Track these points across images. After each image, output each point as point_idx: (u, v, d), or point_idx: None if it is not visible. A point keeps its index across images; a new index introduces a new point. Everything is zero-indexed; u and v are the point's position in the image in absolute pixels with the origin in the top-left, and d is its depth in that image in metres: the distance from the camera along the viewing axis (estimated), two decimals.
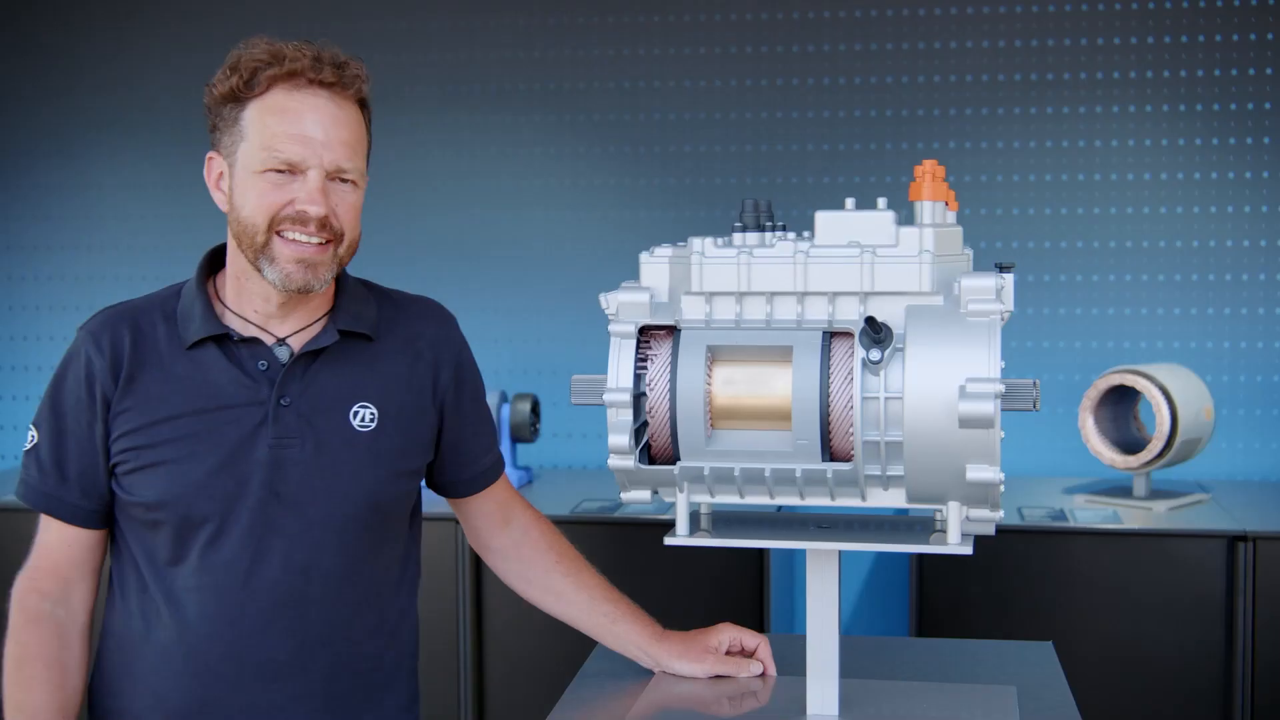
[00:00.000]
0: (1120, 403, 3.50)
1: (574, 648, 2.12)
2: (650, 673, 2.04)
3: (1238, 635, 3.13)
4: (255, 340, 1.85)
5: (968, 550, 1.72)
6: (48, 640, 1.85)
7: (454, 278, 4.09)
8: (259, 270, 1.81)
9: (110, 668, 1.91)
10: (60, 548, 1.90)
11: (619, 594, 2.07)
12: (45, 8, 4.29)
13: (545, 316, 4.10)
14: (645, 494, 1.78)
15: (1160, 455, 3.33)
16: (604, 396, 1.73)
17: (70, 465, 1.86)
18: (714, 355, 1.72)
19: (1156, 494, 3.46)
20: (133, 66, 4.25)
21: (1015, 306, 1.72)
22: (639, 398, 1.73)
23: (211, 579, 1.82)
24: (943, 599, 3.28)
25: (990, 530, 1.76)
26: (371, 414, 1.88)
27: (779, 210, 1.88)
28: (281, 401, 1.83)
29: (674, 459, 1.75)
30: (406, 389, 1.92)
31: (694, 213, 4.01)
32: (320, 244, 1.80)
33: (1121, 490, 3.51)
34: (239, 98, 1.79)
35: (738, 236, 1.77)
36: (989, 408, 1.61)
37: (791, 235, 1.78)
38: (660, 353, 1.74)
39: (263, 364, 1.84)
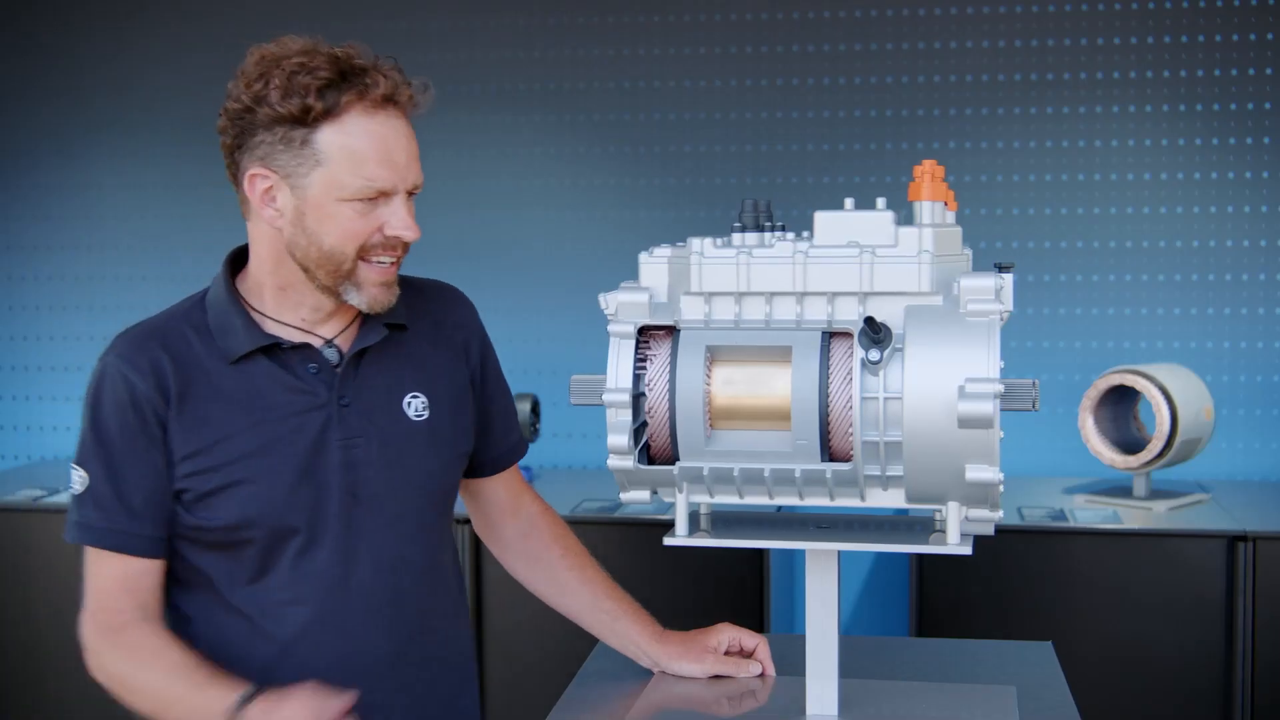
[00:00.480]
0: (1120, 403, 3.50)
1: (574, 648, 2.12)
2: (649, 673, 2.04)
3: (1238, 635, 3.13)
4: (304, 345, 1.82)
5: (967, 550, 1.72)
6: (145, 633, 1.77)
7: (454, 277, 4.06)
8: (337, 294, 1.77)
9: None
10: (128, 584, 1.77)
11: (622, 592, 2.07)
12: (45, 8, 4.29)
13: (545, 316, 4.10)
14: (645, 494, 1.78)
15: (1160, 455, 3.33)
16: (603, 397, 1.73)
17: (135, 496, 1.76)
18: (713, 355, 1.72)
19: (1156, 494, 3.46)
20: (133, 66, 4.25)
21: (1015, 306, 1.72)
22: (638, 398, 1.73)
23: (309, 588, 1.79)
24: (942, 599, 3.28)
25: (990, 530, 1.76)
26: (423, 402, 1.89)
27: (778, 210, 1.87)
28: (342, 402, 1.81)
29: (673, 459, 1.75)
30: (447, 374, 1.94)
31: (694, 213, 4.01)
32: (396, 261, 1.80)
33: (1121, 490, 3.51)
34: (306, 120, 1.71)
35: (737, 237, 1.77)
36: (988, 408, 1.61)
37: (791, 235, 1.78)
38: (659, 353, 1.74)
39: (313, 367, 1.81)
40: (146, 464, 1.76)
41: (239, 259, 1.90)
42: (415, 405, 1.88)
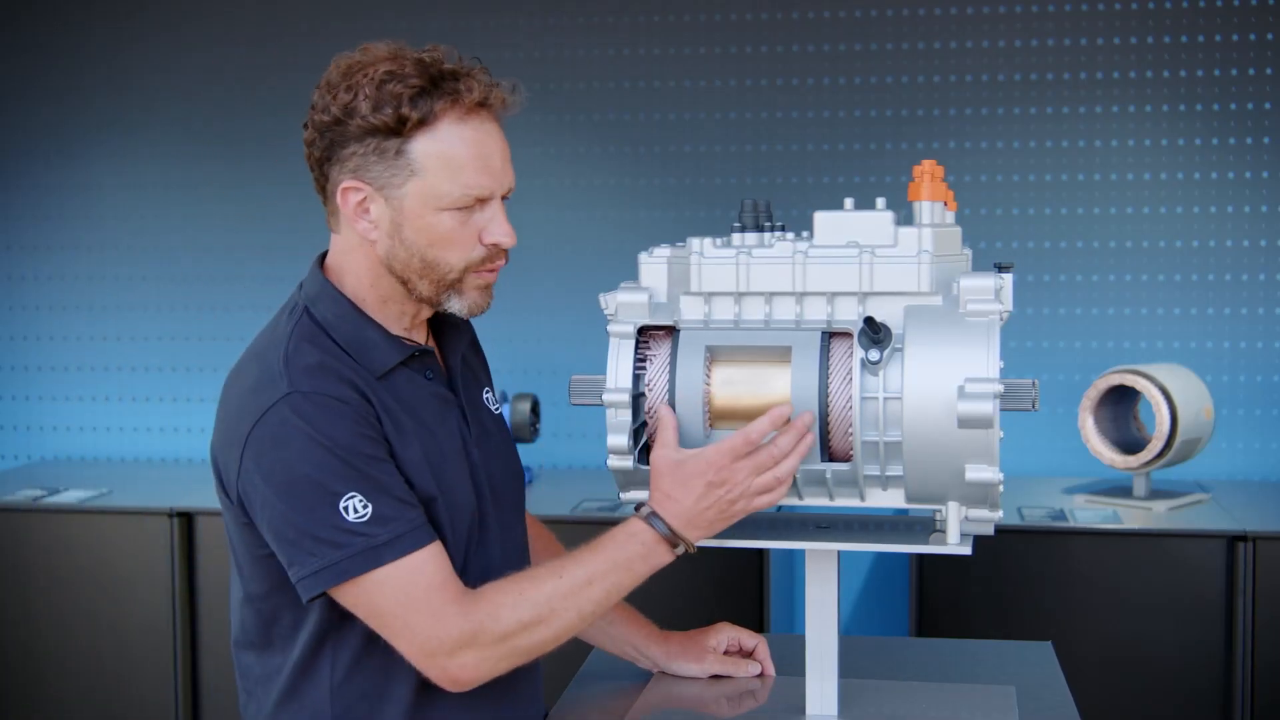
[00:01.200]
0: (1120, 403, 3.50)
1: (573, 648, 2.12)
2: (649, 673, 2.04)
3: (1237, 635, 3.13)
4: (425, 352, 1.80)
5: (967, 550, 1.72)
6: (492, 585, 1.68)
7: None
8: (438, 302, 1.75)
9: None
10: (445, 568, 1.66)
11: None
12: (45, 8, 4.29)
13: (545, 316, 4.10)
14: (644, 494, 1.78)
15: (1160, 455, 3.33)
16: (603, 397, 1.73)
17: (400, 489, 1.66)
18: (713, 355, 1.72)
19: (1156, 494, 3.46)
20: (133, 66, 4.25)
21: (1014, 306, 1.73)
22: (638, 398, 1.74)
23: (478, 583, 1.73)
24: (942, 599, 3.28)
25: (989, 530, 1.76)
26: (492, 397, 1.93)
27: (778, 210, 1.88)
28: (462, 403, 1.82)
29: None
30: (486, 374, 1.97)
31: (694, 213, 4.01)
32: (496, 268, 1.80)
33: (1121, 490, 3.51)
34: (401, 131, 1.66)
35: (736, 237, 1.77)
36: (988, 408, 1.61)
37: (790, 235, 1.78)
38: (659, 353, 1.74)
39: (430, 373, 1.80)
40: (389, 463, 1.67)
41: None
42: (490, 399, 1.92)
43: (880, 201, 1.76)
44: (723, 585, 3.34)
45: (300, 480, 1.61)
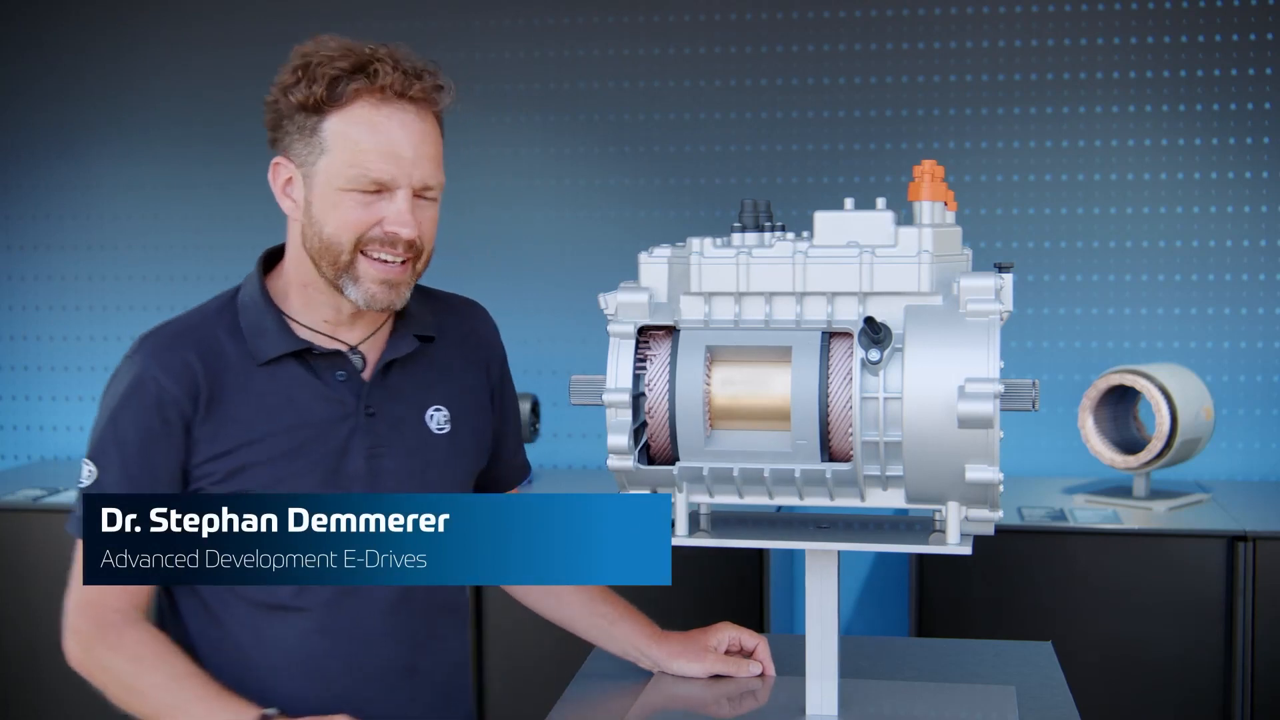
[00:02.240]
0: (1120, 403, 3.50)
1: (574, 648, 2.13)
2: (649, 673, 2.04)
3: (1237, 635, 3.13)
4: (335, 353, 1.81)
5: (967, 550, 1.72)
6: (146, 635, 1.76)
7: (454, 278, 4.06)
8: (338, 288, 1.77)
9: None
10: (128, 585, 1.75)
11: (615, 595, 2.07)
12: (45, 8, 4.29)
13: (545, 316, 4.10)
14: (647, 494, 1.78)
15: (1160, 455, 3.33)
16: (603, 397, 1.73)
17: (144, 483, 1.76)
18: (713, 355, 1.72)
19: (1156, 494, 3.46)
20: (133, 66, 4.25)
21: (1014, 306, 1.72)
22: (638, 398, 1.73)
23: (317, 596, 1.78)
24: (942, 599, 3.28)
25: (990, 530, 1.76)
26: (445, 416, 1.89)
27: (778, 210, 1.88)
28: (368, 411, 1.81)
29: (673, 459, 1.75)
30: (470, 389, 1.94)
31: (694, 213, 4.01)
32: (403, 263, 1.77)
33: (1121, 490, 3.51)
34: (318, 108, 1.73)
35: (736, 237, 1.77)
36: (988, 408, 1.61)
37: (790, 235, 1.78)
38: (659, 353, 1.74)
39: (341, 374, 1.81)
40: (162, 468, 1.75)
41: (271, 259, 1.88)
42: (438, 418, 1.88)
43: (880, 201, 1.75)
44: (723, 585, 3.34)
45: (92, 430, 1.81)
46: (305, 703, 1.76)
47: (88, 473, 1.77)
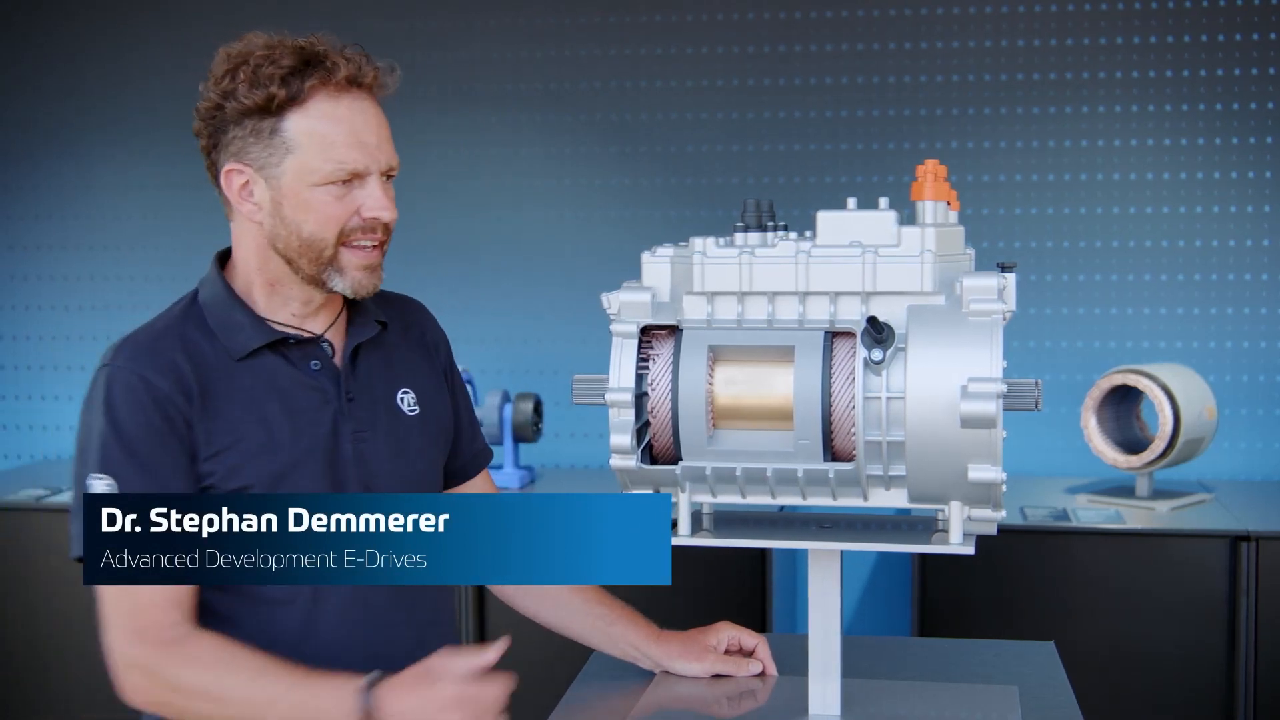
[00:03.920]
0: (1123, 402, 3.50)
1: (575, 649, 2.12)
2: (650, 673, 2.04)
3: (1240, 635, 3.13)
4: (308, 341, 1.82)
5: (970, 550, 1.72)
6: (209, 642, 1.69)
7: (455, 278, 4.09)
8: (320, 282, 1.77)
9: None
10: (176, 595, 1.70)
11: (612, 596, 2.06)
12: (45, 8, 4.28)
13: (547, 316, 4.10)
14: (647, 494, 1.78)
15: (1163, 455, 3.33)
16: (605, 396, 1.73)
17: (165, 487, 1.71)
18: (716, 355, 1.72)
19: (1159, 494, 3.46)
20: (133, 67, 4.25)
21: (1017, 306, 1.72)
22: (641, 397, 1.73)
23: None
24: (945, 599, 3.28)
25: (992, 530, 1.76)
26: (413, 398, 1.90)
27: (780, 210, 1.87)
28: (348, 396, 1.82)
29: (676, 459, 1.75)
30: (427, 374, 1.95)
31: (694, 212, 4.01)
32: (378, 245, 1.79)
33: (1124, 490, 3.51)
34: (274, 109, 1.72)
35: (739, 236, 1.77)
36: (991, 407, 1.61)
37: (793, 235, 1.78)
38: (662, 352, 1.74)
39: (316, 364, 1.81)
40: (177, 464, 1.72)
41: (223, 261, 1.90)
42: (407, 400, 1.89)
43: (883, 201, 1.75)
44: (726, 585, 3.34)
45: (81, 445, 1.73)
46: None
47: (104, 485, 1.69)
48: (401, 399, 1.89)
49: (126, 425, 1.71)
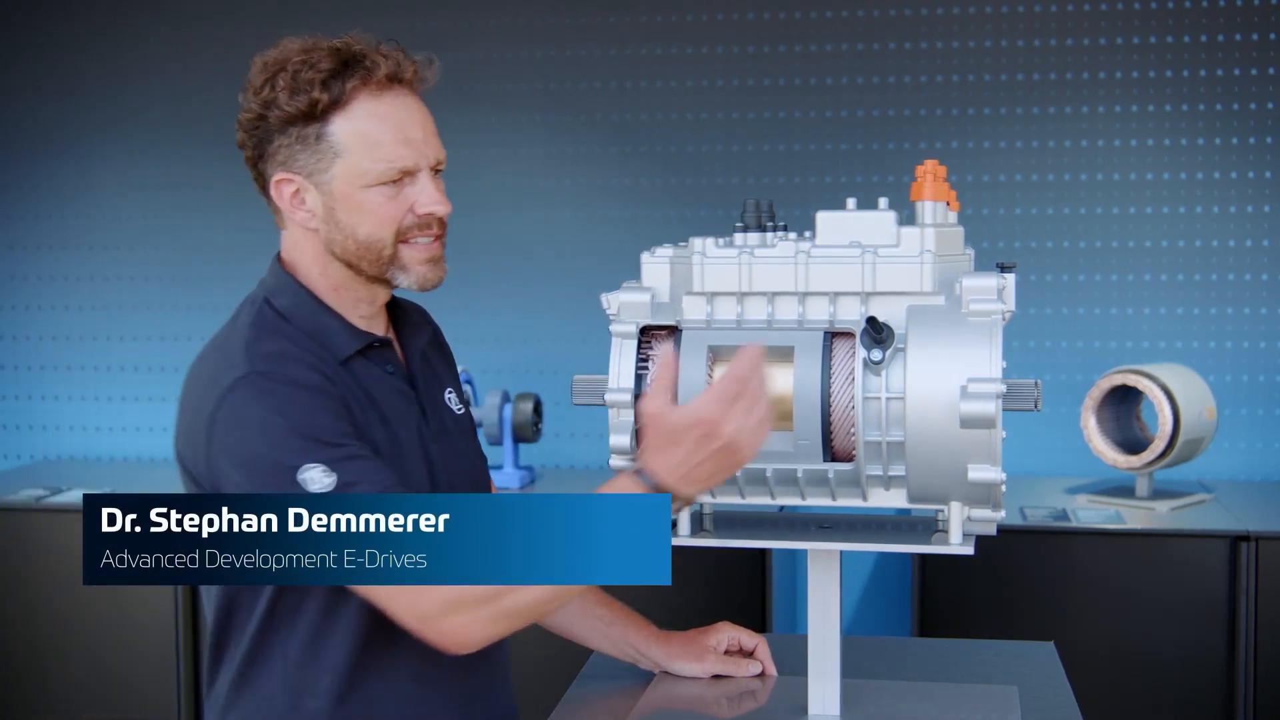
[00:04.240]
0: (1122, 403, 3.50)
1: (575, 649, 2.12)
2: (650, 674, 2.04)
3: (1240, 635, 3.13)
4: (385, 343, 1.80)
5: (969, 550, 1.72)
6: None
7: (455, 278, 4.05)
8: (386, 280, 1.76)
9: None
10: None
11: (610, 597, 2.06)
12: (45, 8, 4.29)
13: (547, 316, 4.10)
14: (647, 494, 1.78)
15: (1163, 455, 3.33)
16: (605, 396, 1.73)
17: (372, 459, 1.66)
18: (715, 355, 1.72)
19: (1159, 494, 3.46)
20: (133, 67, 4.25)
21: (1017, 306, 1.72)
22: (640, 398, 1.73)
23: None
24: (944, 599, 3.28)
25: (992, 530, 1.76)
26: (455, 398, 1.91)
27: (780, 210, 1.87)
28: (421, 399, 1.82)
29: None
30: (452, 374, 1.96)
31: (694, 212, 4.01)
32: (438, 237, 1.80)
33: (1124, 490, 3.51)
34: (318, 115, 1.70)
35: (739, 236, 1.77)
36: (990, 408, 1.61)
37: (793, 235, 1.78)
38: (662, 353, 1.74)
39: (390, 367, 1.80)
40: (357, 442, 1.66)
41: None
42: (453, 400, 1.90)
43: (882, 201, 1.75)
44: (726, 585, 3.34)
45: (260, 459, 1.62)
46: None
47: (317, 475, 1.61)
48: (449, 399, 1.90)
49: (316, 421, 1.63)
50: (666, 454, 1.58)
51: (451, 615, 1.62)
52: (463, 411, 1.91)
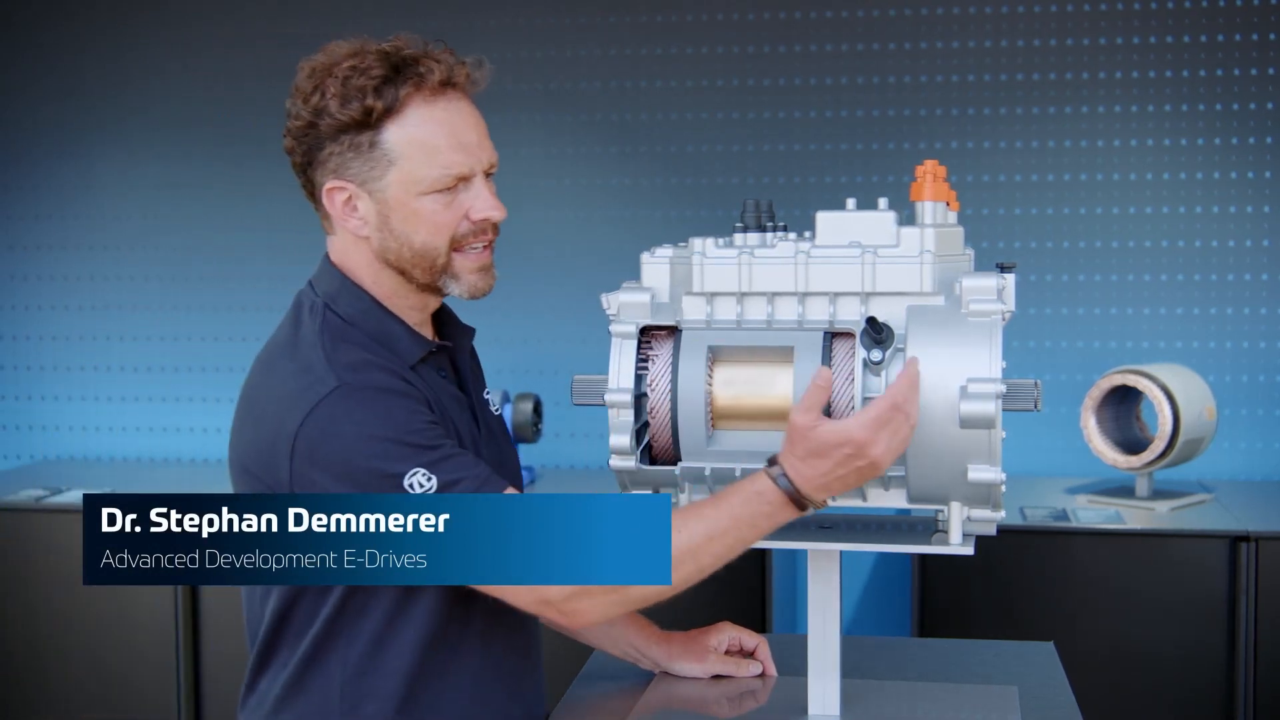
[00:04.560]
0: (1122, 403, 3.50)
1: (575, 649, 2.12)
2: (650, 674, 2.04)
3: (1240, 636, 3.13)
4: (442, 349, 1.81)
5: (969, 550, 1.72)
6: None
7: None
8: (437, 289, 1.75)
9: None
10: None
11: None
12: (45, 8, 4.29)
13: (546, 316, 4.10)
14: (647, 494, 1.78)
15: (1162, 455, 3.33)
16: (605, 397, 1.73)
17: (464, 454, 1.68)
18: (715, 356, 1.72)
19: (1159, 494, 3.46)
20: (133, 66, 4.25)
21: (1016, 306, 1.72)
22: (640, 398, 1.73)
23: None
24: (944, 599, 3.28)
25: (992, 530, 1.76)
26: (493, 399, 1.92)
27: (780, 210, 1.88)
28: (473, 403, 1.83)
29: (675, 459, 1.75)
30: (482, 376, 1.97)
31: (694, 212, 4.01)
32: (489, 245, 1.77)
33: (1124, 490, 3.51)
34: (371, 123, 1.67)
35: (739, 237, 1.77)
36: (990, 408, 1.61)
37: (793, 235, 1.78)
38: (661, 353, 1.74)
39: (443, 371, 1.81)
40: (449, 440, 1.67)
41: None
42: (493, 401, 1.92)
43: (882, 202, 1.76)
44: (725, 585, 3.32)
45: (361, 471, 1.62)
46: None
47: (420, 480, 1.62)
48: (489, 400, 1.91)
49: (409, 427, 1.63)
50: (811, 465, 1.60)
51: (575, 600, 1.64)
52: (499, 413, 1.92)
